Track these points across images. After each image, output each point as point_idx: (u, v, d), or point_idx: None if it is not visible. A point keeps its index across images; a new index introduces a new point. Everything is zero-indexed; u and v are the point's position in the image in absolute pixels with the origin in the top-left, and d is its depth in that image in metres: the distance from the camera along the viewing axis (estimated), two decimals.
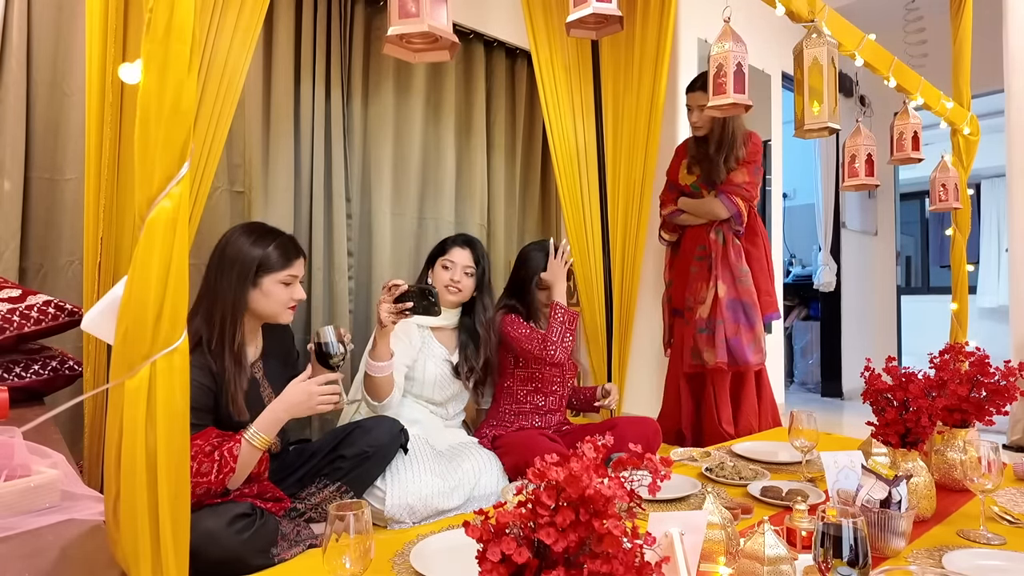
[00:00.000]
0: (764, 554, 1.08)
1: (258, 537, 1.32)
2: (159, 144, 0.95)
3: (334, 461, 1.62)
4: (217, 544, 1.24)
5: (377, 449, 1.65)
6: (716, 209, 2.63)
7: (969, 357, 1.79)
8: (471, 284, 2.09)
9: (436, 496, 1.71)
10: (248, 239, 1.53)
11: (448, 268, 2.08)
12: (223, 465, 1.34)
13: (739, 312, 2.56)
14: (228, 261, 1.52)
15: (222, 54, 1.59)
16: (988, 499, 1.48)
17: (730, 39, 1.99)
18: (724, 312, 2.54)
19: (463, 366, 2.09)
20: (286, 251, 1.56)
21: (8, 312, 1.55)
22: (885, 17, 4.44)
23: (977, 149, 3.44)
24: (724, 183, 2.63)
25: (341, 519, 0.91)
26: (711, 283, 2.59)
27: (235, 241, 1.54)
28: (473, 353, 2.11)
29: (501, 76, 3.30)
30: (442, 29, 1.33)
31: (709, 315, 2.57)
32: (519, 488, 0.77)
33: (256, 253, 1.52)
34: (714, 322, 2.55)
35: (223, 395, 1.46)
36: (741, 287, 2.57)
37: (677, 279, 2.81)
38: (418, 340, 2.07)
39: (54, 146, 2.04)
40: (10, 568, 0.86)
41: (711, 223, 2.66)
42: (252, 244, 1.53)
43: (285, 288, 1.56)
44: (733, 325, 2.54)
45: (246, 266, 1.51)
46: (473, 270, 2.09)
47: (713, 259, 2.61)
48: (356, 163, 2.81)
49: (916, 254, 7.51)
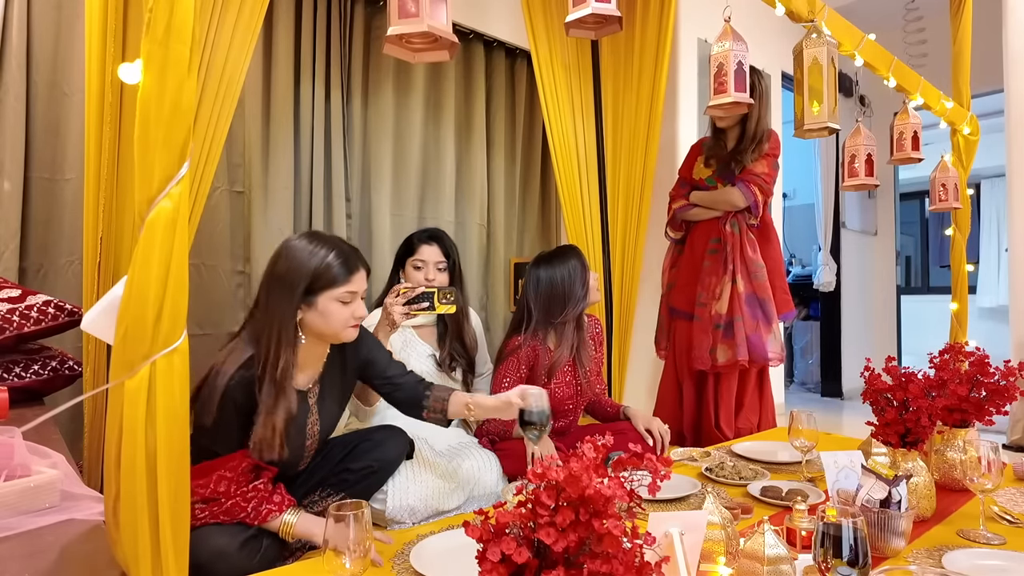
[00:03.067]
0: (764, 554, 1.08)
1: (266, 557, 1.32)
2: (159, 144, 0.95)
3: (340, 473, 1.59)
4: (227, 563, 1.24)
5: (384, 464, 1.63)
6: (733, 198, 2.55)
7: (969, 357, 1.79)
8: (445, 279, 2.10)
9: (436, 497, 1.71)
10: (301, 251, 1.36)
11: (420, 268, 2.07)
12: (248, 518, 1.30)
13: (756, 307, 2.50)
14: (277, 276, 1.36)
15: (222, 54, 1.59)
16: (988, 499, 1.48)
17: (730, 38, 1.99)
18: (743, 308, 2.48)
19: (445, 359, 2.11)
20: (345, 264, 1.37)
21: (8, 312, 1.55)
22: (885, 17, 4.44)
23: (977, 149, 3.44)
24: (744, 172, 2.55)
25: (341, 519, 0.91)
26: (728, 277, 2.52)
27: (287, 253, 1.37)
28: (448, 342, 2.11)
29: (501, 76, 3.30)
30: (442, 29, 1.33)
31: (728, 311, 2.49)
32: (519, 488, 0.77)
33: (309, 268, 1.34)
34: (732, 318, 2.49)
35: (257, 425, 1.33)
36: (756, 282, 2.51)
37: (683, 278, 2.74)
38: (399, 341, 2.07)
39: (54, 146, 2.04)
40: (10, 568, 0.86)
41: (725, 215, 2.59)
42: (306, 257, 1.35)
43: (344, 307, 1.38)
44: (752, 321, 2.48)
45: (296, 283, 1.34)
46: (444, 264, 2.09)
47: (730, 252, 2.53)
48: (356, 163, 2.81)
49: (916, 254, 7.51)
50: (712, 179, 2.68)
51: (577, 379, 2.14)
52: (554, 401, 2.06)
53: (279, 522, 1.33)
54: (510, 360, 2.03)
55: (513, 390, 1.50)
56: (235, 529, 1.29)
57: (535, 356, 2.05)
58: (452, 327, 2.12)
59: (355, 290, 1.39)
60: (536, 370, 2.05)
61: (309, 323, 1.38)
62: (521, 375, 2.03)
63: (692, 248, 2.73)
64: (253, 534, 1.31)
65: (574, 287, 2.04)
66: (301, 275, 1.34)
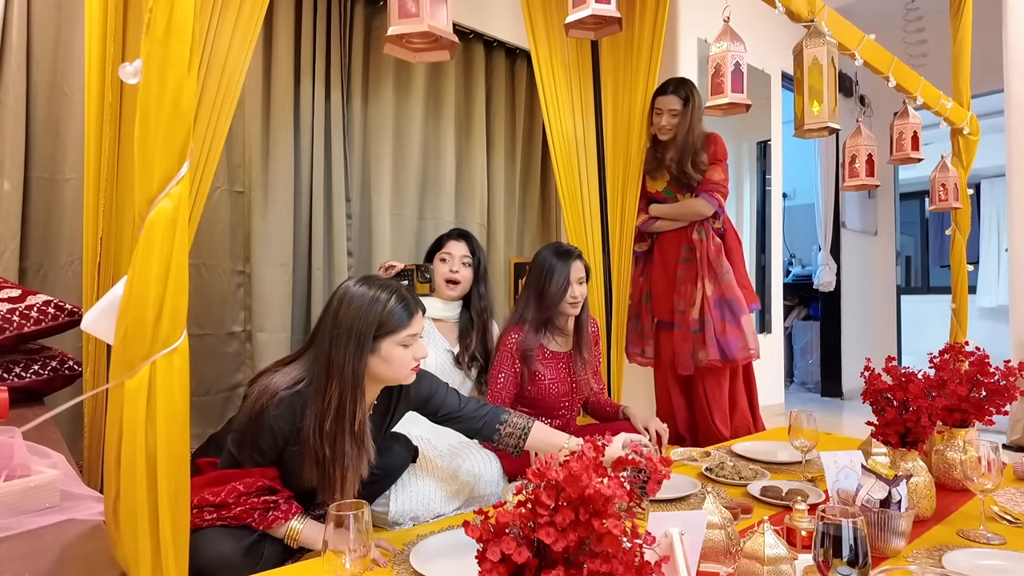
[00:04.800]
0: (764, 554, 1.08)
1: (266, 564, 1.32)
2: (159, 144, 0.95)
3: None
4: (228, 570, 1.24)
5: (389, 471, 1.65)
6: (700, 208, 2.64)
7: (969, 357, 1.79)
8: (469, 274, 2.16)
9: (438, 501, 1.72)
10: (363, 297, 1.35)
11: (446, 260, 2.15)
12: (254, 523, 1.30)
13: (724, 309, 2.59)
14: (342, 325, 1.33)
15: (222, 54, 1.59)
16: (988, 499, 1.48)
17: (728, 38, 1.99)
18: (712, 311, 2.58)
19: (463, 355, 2.13)
20: (406, 307, 1.38)
21: (8, 312, 1.55)
22: (885, 17, 4.44)
23: (977, 149, 3.44)
24: (703, 182, 2.65)
25: (341, 519, 0.91)
26: (699, 282, 2.62)
27: (348, 299, 1.35)
28: (472, 341, 2.16)
29: (501, 76, 3.30)
30: (442, 29, 1.33)
31: (699, 315, 2.60)
32: (519, 488, 0.77)
33: (374, 314, 1.34)
34: (703, 320, 2.59)
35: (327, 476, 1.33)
36: (724, 284, 2.60)
37: (658, 288, 2.80)
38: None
39: (54, 146, 2.05)
40: (10, 568, 0.86)
41: (692, 224, 2.68)
42: (369, 303, 1.34)
43: (406, 350, 1.38)
44: (720, 323, 2.58)
45: (365, 331, 1.33)
46: (470, 260, 2.16)
47: (699, 259, 2.64)
48: (356, 163, 2.81)
49: (916, 254, 7.50)
50: (670, 191, 2.75)
51: (573, 376, 2.15)
52: (549, 397, 2.09)
53: (285, 529, 1.33)
54: (503, 353, 2.06)
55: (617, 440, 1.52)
56: (239, 534, 1.28)
57: (524, 346, 2.06)
58: (478, 325, 2.17)
59: (416, 332, 1.39)
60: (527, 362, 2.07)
61: (371, 368, 1.37)
62: (516, 369, 2.05)
63: (663, 259, 2.79)
64: (256, 540, 1.31)
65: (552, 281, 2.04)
66: (368, 323, 1.33)
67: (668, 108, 2.62)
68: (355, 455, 1.34)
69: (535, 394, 2.08)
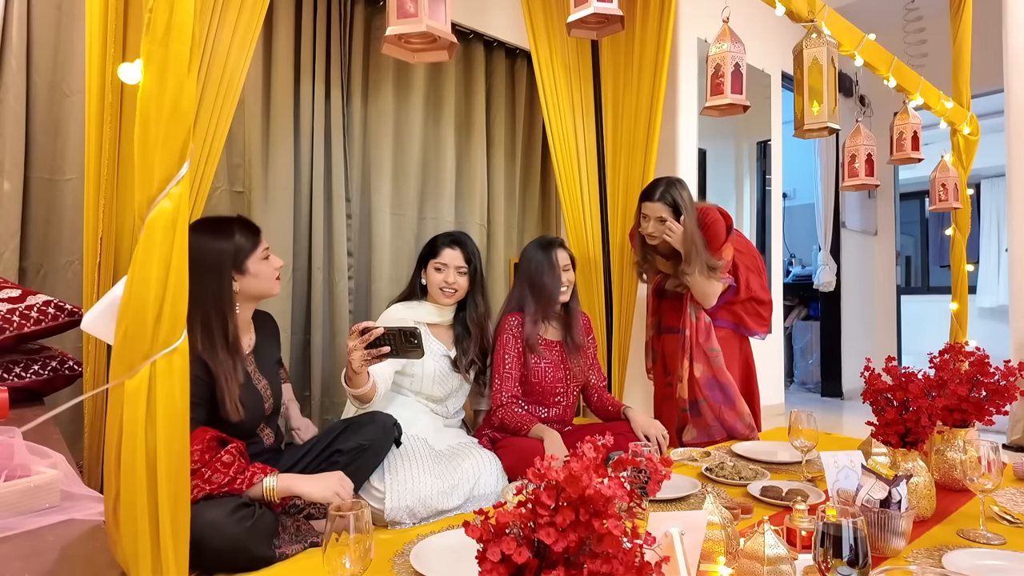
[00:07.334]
0: (764, 554, 1.08)
1: (259, 526, 1.32)
2: (159, 144, 0.95)
3: (331, 456, 1.63)
4: (219, 533, 1.24)
5: (373, 442, 1.67)
6: (714, 290, 2.44)
7: (969, 357, 1.79)
8: (465, 283, 2.09)
9: (435, 497, 1.71)
10: (209, 236, 1.50)
11: (441, 270, 2.06)
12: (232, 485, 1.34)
13: (716, 391, 2.45)
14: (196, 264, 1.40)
15: (222, 54, 1.59)
16: (988, 499, 1.48)
17: (728, 39, 1.99)
18: (704, 391, 2.44)
19: (462, 359, 2.11)
20: (250, 230, 1.60)
21: (8, 312, 1.55)
22: (885, 17, 4.44)
23: (977, 149, 3.45)
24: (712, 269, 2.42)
25: (341, 519, 0.91)
26: (687, 360, 2.46)
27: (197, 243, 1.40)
28: (469, 347, 2.13)
29: (501, 76, 3.30)
30: (440, 29, 1.33)
31: (689, 395, 2.45)
32: (519, 488, 0.77)
33: (228, 245, 1.52)
34: (695, 402, 2.45)
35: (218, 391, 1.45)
36: (715, 367, 2.45)
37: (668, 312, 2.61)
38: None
39: (54, 146, 2.05)
40: (10, 568, 0.86)
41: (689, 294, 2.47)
42: (216, 239, 1.51)
43: (266, 262, 1.61)
44: (716, 405, 2.44)
45: (224, 260, 1.51)
46: (466, 268, 2.08)
47: (689, 338, 2.46)
48: (356, 163, 2.81)
49: (916, 254, 7.50)
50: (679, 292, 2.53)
51: (567, 363, 2.22)
52: (544, 383, 2.16)
53: (261, 488, 1.38)
54: (506, 336, 2.15)
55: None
56: (225, 500, 1.31)
57: (527, 336, 2.15)
58: (475, 333, 2.14)
59: (267, 245, 1.62)
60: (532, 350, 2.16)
61: (244, 289, 1.56)
62: (519, 350, 2.14)
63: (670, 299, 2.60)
64: (244, 502, 1.33)
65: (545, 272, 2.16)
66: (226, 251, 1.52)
67: (655, 215, 2.37)
68: (231, 365, 1.47)
69: (531, 381, 2.16)
